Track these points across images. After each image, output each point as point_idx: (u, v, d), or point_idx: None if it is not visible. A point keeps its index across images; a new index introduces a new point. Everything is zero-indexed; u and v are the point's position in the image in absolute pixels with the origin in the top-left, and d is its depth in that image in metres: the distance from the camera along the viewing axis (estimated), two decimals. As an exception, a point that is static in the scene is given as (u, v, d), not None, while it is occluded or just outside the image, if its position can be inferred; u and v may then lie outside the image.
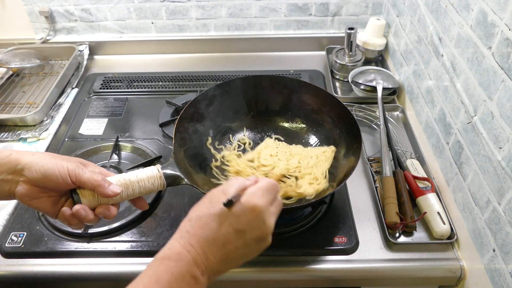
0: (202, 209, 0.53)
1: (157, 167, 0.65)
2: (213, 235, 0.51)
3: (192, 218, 0.52)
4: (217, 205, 0.52)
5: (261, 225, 0.53)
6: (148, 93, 1.20)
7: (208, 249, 0.50)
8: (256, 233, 0.52)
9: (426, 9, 0.96)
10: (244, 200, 0.52)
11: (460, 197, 0.79)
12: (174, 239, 0.52)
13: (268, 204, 0.54)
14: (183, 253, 0.49)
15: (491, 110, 0.67)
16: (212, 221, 0.51)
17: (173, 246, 0.51)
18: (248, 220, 0.52)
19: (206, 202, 0.53)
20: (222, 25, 1.35)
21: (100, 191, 0.59)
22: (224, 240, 0.51)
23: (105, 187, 0.59)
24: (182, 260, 0.49)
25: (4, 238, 0.81)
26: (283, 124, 0.97)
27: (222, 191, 0.54)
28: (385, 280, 0.79)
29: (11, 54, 1.26)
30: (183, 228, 0.52)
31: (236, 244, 0.51)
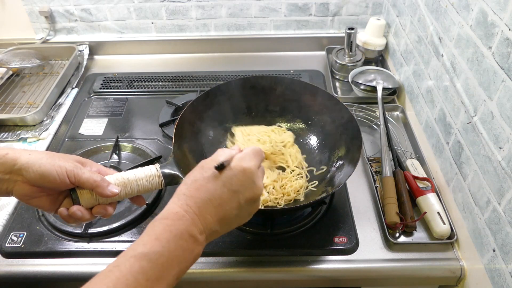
0: (196, 174, 0.55)
1: (155, 166, 0.66)
2: (209, 195, 0.53)
3: (188, 182, 0.55)
4: (210, 170, 0.55)
5: (252, 186, 0.56)
6: (148, 93, 1.20)
7: (204, 209, 0.52)
8: (248, 193, 0.55)
9: (426, 9, 0.96)
10: (234, 164, 0.56)
11: (460, 197, 0.79)
12: (171, 202, 0.53)
13: (256, 166, 0.57)
14: (181, 213, 0.51)
15: (491, 110, 0.67)
16: (207, 183, 0.54)
17: (171, 207, 0.53)
18: (240, 181, 0.55)
19: (199, 168, 0.56)
20: (222, 25, 1.35)
21: (99, 192, 0.59)
22: (219, 200, 0.53)
23: (104, 187, 0.59)
24: (180, 219, 0.51)
25: (4, 238, 0.81)
26: (283, 124, 0.97)
27: (212, 159, 0.57)
28: (385, 280, 0.79)
29: (11, 54, 1.26)
30: (179, 191, 0.54)
31: (231, 204, 0.54)
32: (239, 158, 0.57)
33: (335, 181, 0.82)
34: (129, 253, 0.47)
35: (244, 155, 0.58)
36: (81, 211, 0.58)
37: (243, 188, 0.55)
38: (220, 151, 0.59)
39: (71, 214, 0.58)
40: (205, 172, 0.55)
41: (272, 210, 0.79)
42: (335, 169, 0.85)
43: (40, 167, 0.56)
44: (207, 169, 0.55)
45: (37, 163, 0.56)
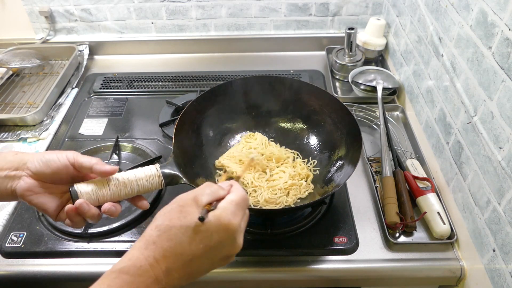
0: (173, 219, 0.49)
1: (155, 166, 0.66)
2: (181, 249, 0.47)
3: (161, 227, 0.48)
4: (189, 217, 0.48)
5: (231, 244, 0.50)
6: (148, 93, 1.20)
7: (173, 265, 0.47)
8: (225, 251, 0.50)
9: (426, 9, 0.96)
10: (217, 216, 0.49)
11: (460, 197, 0.79)
12: (137, 248, 0.48)
13: (240, 222, 0.51)
14: (145, 267, 0.46)
15: (491, 110, 0.67)
16: (183, 235, 0.47)
17: (135, 257, 0.47)
18: (220, 238, 0.49)
19: (177, 210, 0.50)
20: (222, 25, 1.35)
21: (98, 168, 0.59)
22: (192, 256, 0.48)
23: (103, 164, 0.60)
24: (142, 275, 0.45)
25: (4, 238, 0.81)
26: (283, 124, 0.97)
27: (194, 198, 0.51)
28: (385, 280, 0.79)
29: (11, 54, 1.26)
30: (149, 237, 0.48)
31: (203, 260, 0.49)
32: (224, 208, 0.50)
33: (335, 181, 0.82)
34: None
35: (229, 205, 0.51)
36: (87, 204, 0.58)
37: (221, 245, 0.49)
38: (206, 188, 0.52)
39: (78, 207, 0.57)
40: (183, 218, 0.48)
41: (272, 210, 0.79)
42: (335, 169, 0.85)
43: (43, 156, 0.59)
44: (186, 214, 0.48)
45: (41, 154, 0.59)
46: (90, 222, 0.61)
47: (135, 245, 0.48)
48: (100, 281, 0.45)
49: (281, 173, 0.86)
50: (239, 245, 0.52)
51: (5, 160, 0.58)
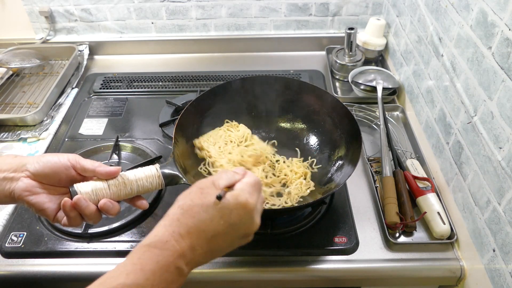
0: (194, 199, 0.52)
1: (155, 166, 0.66)
2: (204, 226, 0.50)
3: (184, 207, 0.51)
4: (209, 197, 0.51)
5: (250, 222, 0.53)
6: (148, 93, 1.20)
7: (196, 240, 0.50)
8: (244, 229, 0.53)
9: (426, 9, 0.96)
10: (236, 195, 0.52)
11: (460, 197, 0.79)
12: (162, 225, 0.50)
13: (256, 202, 0.54)
14: (171, 242, 0.48)
15: (491, 110, 0.67)
16: (204, 212, 0.50)
17: (161, 233, 0.49)
18: (239, 216, 0.52)
19: (197, 192, 0.53)
20: (222, 25, 1.35)
21: (101, 170, 0.60)
22: (213, 232, 0.50)
23: (106, 166, 0.60)
24: (169, 249, 0.48)
25: (4, 238, 0.81)
26: (283, 124, 0.97)
27: (212, 182, 0.53)
28: (385, 280, 0.79)
29: (11, 54, 1.26)
30: (173, 215, 0.51)
31: (224, 237, 0.51)
32: (241, 189, 0.53)
33: (335, 181, 0.82)
34: (110, 282, 0.45)
35: (245, 186, 0.54)
36: (85, 200, 0.58)
37: (241, 223, 0.52)
38: (223, 173, 0.55)
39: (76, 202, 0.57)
40: (204, 198, 0.51)
41: (272, 210, 0.79)
42: (335, 169, 0.85)
43: (44, 156, 0.59)
44: (207, 195, 0.52)
45: (42, 156, 0.60)
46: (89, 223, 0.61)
47: (159, 223, 0.51)
48: (130, 255, 0.48)
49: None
50: (257, 224, 0.54)
51: (4, 162, 0.59)
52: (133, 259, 0.47)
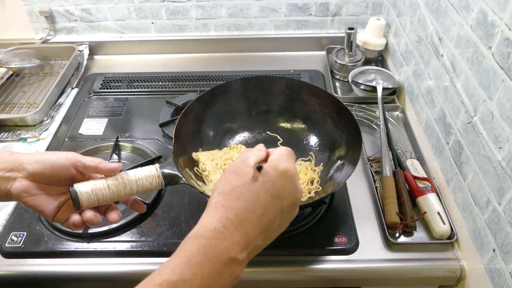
0: (233, 181, 0.48)
1: (155, 166, 0.66)
2: (252, 205, 0.46)
3: (225, 191, 0.48)
4: (247, 175, 0.48)
5: (294, 189, 0.51)
6: (148, 93, 1.20)
7: (247, 222, 0.46)
8: (290, 198, 0.50)
9: (426, 9, 0.96)
10: (273, 165, 0.50)
11: (460, 197, 0.79)
12: (206, 215, 0.46)
13: (295, 168, 0.52)
14: (219, 229, 0.44)
15: (491, 110, 0.67)
16: (248, 191, 0.47)
17: (207, 222, 0.45)
18: (282, 185, 0.49)
19: (233, 174, 0.49)
20: (222, 25, 1.35)
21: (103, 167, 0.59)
22: (263, 209, 0.47)
23: (107, 162, 0.59)
24: (218, 237, 0.44)
25: (4, 238, 0.81)
26: (283, 124, 0.97)
27: (243, 162, 0.51)
28: (385, 280, 0.79)
29: (11, 54, 1.26)
30: (216, 203, 0.47)
31: (274, 212, 0.48)
32: (277, 159, 0.51)
33: (335, 181, 0.82)
34: (155, 280, 0.41)
35: (280, 156, 0.52)
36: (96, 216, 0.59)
37: (286, 192, 0.49)
38: (247, 152, 0.53)
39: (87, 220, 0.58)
40: (242, 177, 0.48)
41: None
42: (335, 169, 0.85)
43: (41, 156, 0.57)
44: (244, 174, 0.49)
45: (39, 154, 0.58)
46: None
47: (204, 214, 0.47)
48: (177, 250, 0.44)
49: None
50: (301, 190, 0.52)
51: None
52: (179, 253, 0.43)
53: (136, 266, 0.77)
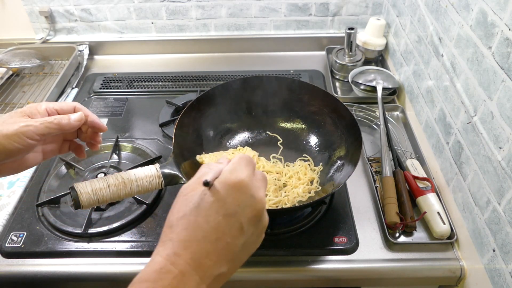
0: (181, 208, 0.43)
1: (155, 166, 0.66)
2: (202, 232, 0.41)
3: (173, 222, 0.43)
4: (195, 196, 0.43)
5: (251, 201, 0.44)
6: (148, 93, 1.20)
7: (199, 252, 0.41)
8: (248, 212, 0.44)
9: (426, 9, 0.96)
10: (224, 179, 0.44)
11: (460, 197, 0.79)
12: (155, 252, 0.42)
13: (250, 176, 0.45)
14: (166, 267, 0.40)
15: (491, 110, 0.68)
16: (196, 216, 0.42)
17: (154, 261, 0.41)
18: (235, 200, 0.43)
19: (183, 199, 0.44)
20: (222, 25, 1.35)
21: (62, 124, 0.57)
22: (216, 233, 0.42)
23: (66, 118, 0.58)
24: (164, 278, 0.39)
25: (4, 238, 0.81)
26: (283, 124, 0.97)
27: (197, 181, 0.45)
28: (385, 280, 0.79)
29: (11, 54, 1.26)
30: (165, 237, 0.43)
31: (231, 233, 0.43)
32: (228, 172, 0.45)
33: (335, 181, 0.82)
34: None
35: (232, 166, 0.46)
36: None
37: (241, 208, 0.43)
38: (204, 167, 0.47)
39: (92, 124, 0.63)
40: (190, 202, 0.43)
41: (272, 210, 0.79)
42: (335, 169, 0.85)
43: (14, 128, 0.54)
44: (192, 196, 0.43)
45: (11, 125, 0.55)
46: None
47: (153, 251, 0.43)
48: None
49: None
50: (261, 201, 0.45)
51: None
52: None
53: (136, 266, 0.77)
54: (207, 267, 0.41)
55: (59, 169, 0.94)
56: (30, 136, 0.54)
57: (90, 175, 0.92)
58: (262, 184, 0.48)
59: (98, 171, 0.93)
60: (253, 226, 0.45)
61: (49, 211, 0.84)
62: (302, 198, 0.82)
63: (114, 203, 0.86)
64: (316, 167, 0.88)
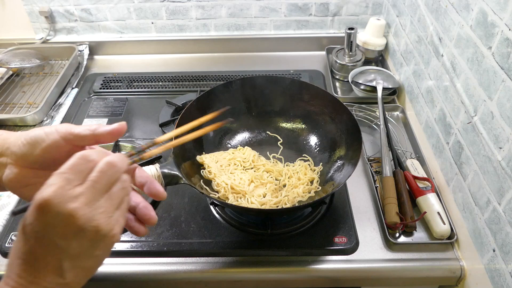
0: None
1: (155, 166, 0.66)
2: (21, 255, 0.40)
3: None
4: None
5: (59, 219, 0.38)
6: (148, 93, 1.20)
7: (28, 274, 0.39)
8: (60, 228, 0.39)
9: (426, 9, 0.96)
10: (33, 202, 0.39)
11: (460, 197, 0.79)
12: None
13: (61, 189, 0.39)
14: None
15: (491, 110, 0.67)
16: (18, 242, 0.40)
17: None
18: (41, 222, 0.39)
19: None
20: (222, 25, 1.35)
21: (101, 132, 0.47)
22: (33, 255, 0.40)
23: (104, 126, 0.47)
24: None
25: (4, 238, 0.81)
26: (283, 124, 0.97)
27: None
28: (385, 280, 0.79)
29: (11, 54, 1.26)
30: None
31: (51, 255, 0.40)
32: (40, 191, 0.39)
33: (335, 181, 0.82)
34: None
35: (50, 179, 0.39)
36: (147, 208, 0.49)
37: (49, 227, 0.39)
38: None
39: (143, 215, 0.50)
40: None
41: (272, 210, 0.79)
42: (335, 169, 0.85)
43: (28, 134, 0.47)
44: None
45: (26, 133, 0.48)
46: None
47: None
48: None
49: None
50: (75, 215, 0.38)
51: None
52: None
53: (136, 266, 0.77)
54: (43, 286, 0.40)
55: (59, 169, 0.94)
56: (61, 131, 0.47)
57: (90, 175, 0.92)
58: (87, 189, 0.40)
59: (98, 171, 0.93)
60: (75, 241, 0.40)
61: (49, 211, 0.84)
62: (302, 198, 0.81)
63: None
64: (316, 167, 0.88)
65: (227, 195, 0.80)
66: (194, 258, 0.78)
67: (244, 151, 0.90)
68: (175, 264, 0.78)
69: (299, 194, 0.82)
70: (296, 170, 0.87)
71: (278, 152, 0.93)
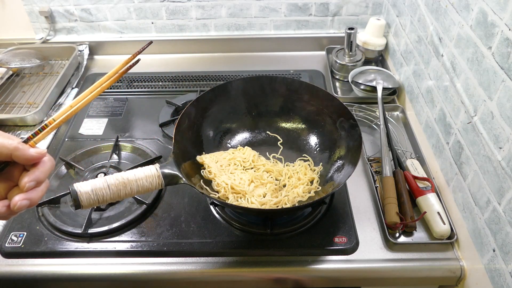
0: None
1: (155, 166, 0.66)
2: None
3: None
4: None
5: None
6: (148, 93, 1.20)
7: None
8: None
9: (426, 9, 0.96)
10: None
11: (460, 197, 0.79)
12: None
13: None
14: None
15: (491, 110, 0.68)
16: None
17: None
18: None
19: None
20: (222, 25, 1.35)
21: (18, 155, 0.45)
22: None
23: (25, 149, 0.46)
24: None
25: (4, 238, 0.81)
26: (283, 124, 0.97)
27: None
28: (385, 280, 0.79)
29: (11, 54, 1.26)
30: None
31: None
32: None
33: (335, 181, 0.82)
34: None
35: None
36: None
37: None
38: None
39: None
40: None
41: (272, 210, 0.79)
42: (335, 169, 0.85)
43: None
44: None
45: None
46: None
47: None
48: None
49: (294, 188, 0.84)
50: None
51: None
52: None
53: (136, 266, 0.77)
54: None
55: (59, 169, 0.94)
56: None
57: (90, 175, 0.92)
58: None
59: (98, 171, 0.93)
60: None
61: (49, 211, 0.84)
62: (302, 198, 0.81)
63: (114, 203, 0.86)
64: (316, 167, 0.88)
65: (227, 195, 0.80)
66: (194, 258, 0.78)
67: (244, 151, 0.90)
68: (175, 264, 0.78)
69: (299, 194, 0.81)
70: (296, 170, 0.87)
71: (278, 152, 0.93)
